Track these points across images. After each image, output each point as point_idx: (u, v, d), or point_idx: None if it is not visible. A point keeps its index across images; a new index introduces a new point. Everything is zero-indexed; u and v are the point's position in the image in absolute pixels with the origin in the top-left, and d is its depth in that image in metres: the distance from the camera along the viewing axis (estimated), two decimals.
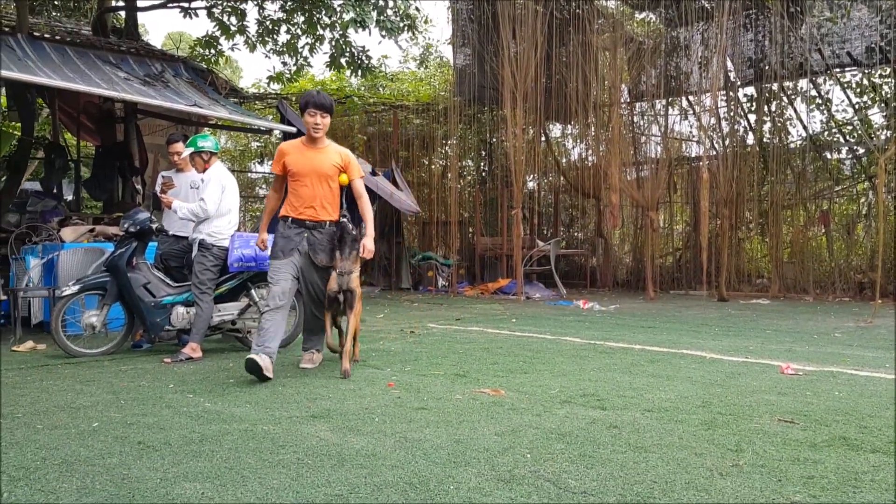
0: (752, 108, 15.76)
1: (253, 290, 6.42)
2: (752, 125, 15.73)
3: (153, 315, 6.14)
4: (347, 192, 5.55)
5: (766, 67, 14.64)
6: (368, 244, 5.22)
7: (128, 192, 11.50)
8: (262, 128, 13.21)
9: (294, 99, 14.48)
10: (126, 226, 6.21)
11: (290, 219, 5.25)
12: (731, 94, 15.25)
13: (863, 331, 8.12)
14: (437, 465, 3.02)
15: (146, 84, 10.18)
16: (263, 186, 21.23)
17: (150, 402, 4.28)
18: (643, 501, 2.60)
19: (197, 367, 5.57)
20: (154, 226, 6.32)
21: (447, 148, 18.70)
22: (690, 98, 15.89)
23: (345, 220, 5.31)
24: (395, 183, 14.19)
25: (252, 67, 43.75)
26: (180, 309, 6.19)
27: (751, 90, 15.69)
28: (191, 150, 6.43)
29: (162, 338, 6.41)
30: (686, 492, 2.71)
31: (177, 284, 6.34)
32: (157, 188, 7.10)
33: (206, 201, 6.11)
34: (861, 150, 14.90)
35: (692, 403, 4.24)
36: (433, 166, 19.18)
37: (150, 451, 3.21)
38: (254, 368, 4.79)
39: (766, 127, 15.51)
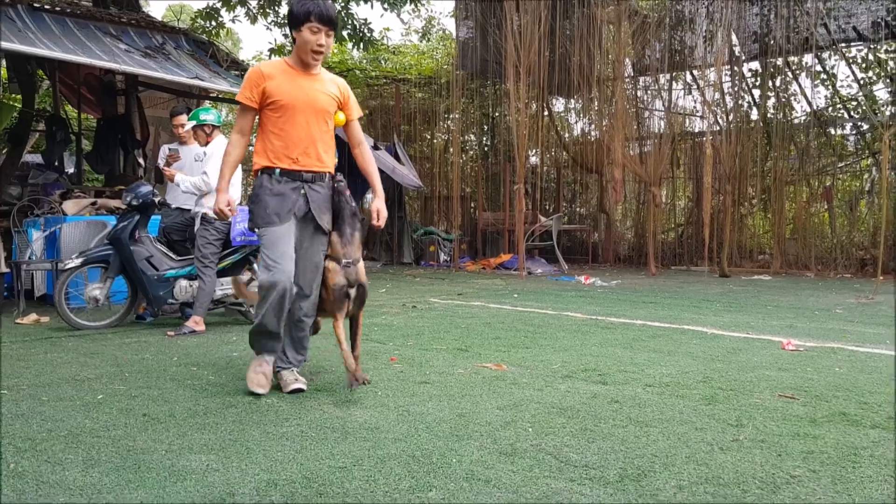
0: (757, 83, 15.66)
1: (256, 265, 6.43)
2: (756, 100, 15.63)
3: (156, 288, 6.16)
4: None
5: (771, 42, 14.52)
6: (382, 209, 4.00)
7: (129, 165, 11.48)
8: None
9: None
10: (128, 199, 6.21)
11: (278, 170, 3.82)
12: (735, 68, 15.14)
13: (864, 307, 8.14)
14: (439, 438, 3.04)
15: (147, 56, 10.12)
16: None
17: (154, 374, 4.31)
18: (644, 475, 2.62)
19: (200, 341, 5.60)
20: (156, 199, 6.32)
21: (449, 122, 18.61)
22: (694, 72, 15.79)
23: (341, 183, 3.99)
24: (396, 157, 14.16)
25: (253, 40, 43.51)
26: (183, 282, 6.21)
27: (755, 65, 15.58)
28: (193, 123, 6.42)
29: (165, 311, 6.44)
30: (686, 466, 2.73)
31: (179, 258, 6.35)
32: (161, 161, 7.09)
33: (208, 175, 6.11)
34: (865, 126, 14.82)
35: (693, 379, 4.26)
36: (435, 140, 19.11)
37: (154, 423, 3.24)
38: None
39: (771, 102, 15.42)
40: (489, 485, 2.51)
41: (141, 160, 11.58)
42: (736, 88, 15.31)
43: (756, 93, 15.69)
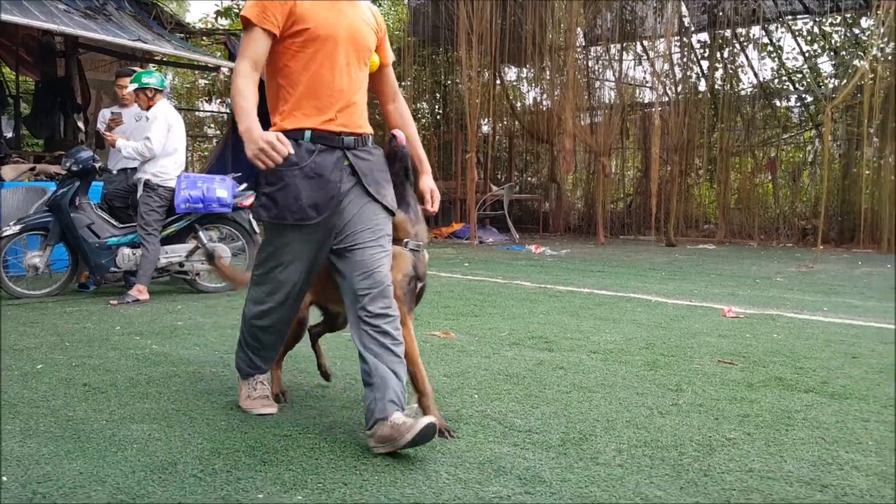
0: (705, 55, 15.84)
1: (201, 232, 6.33)
2: (705, 72, 15.82)
3: (98, 256, 6.02)
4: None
5: (720, 13, 14.68)
6: (434, 188, 3.13)
7: (70, 129, 11.14)
8: (209, 64, 12.89)
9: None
10: (68, 165, 6.03)
11: (308, 133, 2.61)
12: (684, 39, 15.28)
13: (804, 276, 8.37)
14: None
15: (87, 17, 9.78)
16: (212, 126, 20.63)
17: (96, 344, 4.23)
18: (585, 439, 2.68)
19: (144, 310, 5.51)
20: (97, 165, 6.15)
21: (401, 89, 18.44)
22: (645, 43, 15.89)
23: (404, 149, 2.93)
24: None
25: (199, 2, 42.38)
26: (126, 250, 6.07)
27: (704, 36, 15.75)
28: (135, 86, 6.25)
29: (107, 280, 6.31)
30: (626, 430, 2.79)
31: (122, 225, 6.21)
32: (102, 126, 6.89)
33: (151, 140, 5.96)
34: (809, 99, 15.14)
35: (636, 345, 4.35)
36: None
37: (95, 393, 3.19)
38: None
39: (718, 74, 15.63)
40: (434, 450, 2.53)
41: (81, 125, 11.25)
42: (685, 59, 15.47)
43: (704, 64, 15.88)
